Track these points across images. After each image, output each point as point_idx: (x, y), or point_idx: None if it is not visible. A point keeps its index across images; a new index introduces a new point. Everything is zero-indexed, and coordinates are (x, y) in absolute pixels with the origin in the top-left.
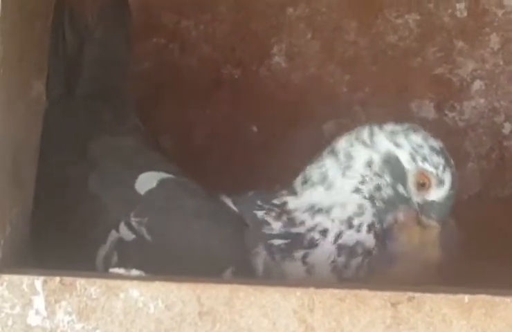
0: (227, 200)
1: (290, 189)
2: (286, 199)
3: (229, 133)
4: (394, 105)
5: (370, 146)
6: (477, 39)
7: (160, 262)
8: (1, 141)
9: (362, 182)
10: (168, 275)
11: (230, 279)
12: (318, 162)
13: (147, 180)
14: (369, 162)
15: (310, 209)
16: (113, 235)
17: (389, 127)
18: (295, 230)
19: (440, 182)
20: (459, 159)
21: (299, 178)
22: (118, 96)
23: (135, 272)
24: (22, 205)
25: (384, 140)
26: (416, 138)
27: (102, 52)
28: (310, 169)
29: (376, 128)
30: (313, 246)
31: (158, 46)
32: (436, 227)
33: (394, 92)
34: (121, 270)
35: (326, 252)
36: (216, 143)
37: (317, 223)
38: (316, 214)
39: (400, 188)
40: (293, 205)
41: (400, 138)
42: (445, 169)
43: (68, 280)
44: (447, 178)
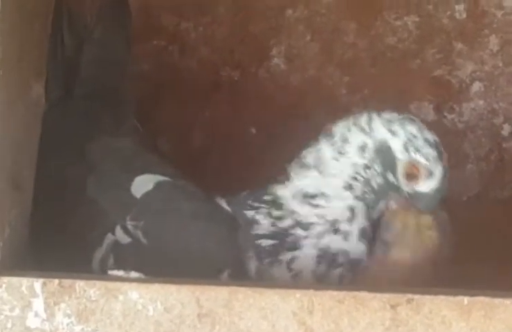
0: (221, 202)
1: (284, 176)
2: (277, 189)
3: (228, 134)
4: (393, 107)
5: (367, 131)
6: (476, 40)
7: (156, 265)
8: (0, 142)
9: (354, 178)
10: (167, 277)
11: (229, 281)
12: (314, 145)
13: (143, 183)
14: (362, 147)
15: (301, 194)
16: (109, 238)
17: (387, 115)
18: (281, 225)
19: (430, 174)
20: (458, 161)
21: (295, 162)
22: (117, 97)
23: (134, 274)
24: (21, 206)
25: (380, 127)
26: (412, 128)
27: (100, 52)
28: (306, 152)
29: (375, 115)
30: (297, 248)
31: (157, 48)
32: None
33: (393, 94)
34: (120, 272)
35: (308, 257)
36: (216, 144)
37: (304, 213)
38: (305, 201)
39: (390, 176)
40: (283, 193)
41: (396, 127)
42: (436, 162)
43: (67, 282)
44: (437, 170)
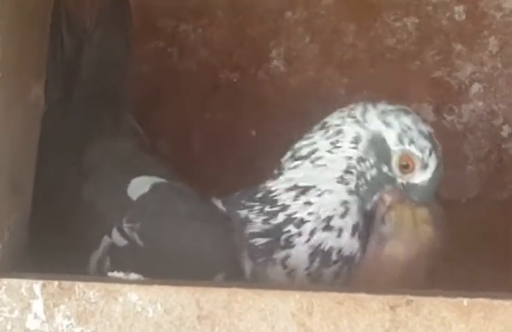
0: (217, 202)
1: (278, 169)
2: (270, 185)
3: (227, 136)
4: None
5: (361, 123)
6: (475, 42)
7: (153, 267)
8: (0, 144)
9: (347, 171)
10: (167, 279)
11: (229, 283)
12: (308, 136)
13: (139, 185)
14: (356, 139)
15: (292, 187)
16: (105, 240)
17: (382, 106)
18: (274, 222)
19: (424, 166)
20: (457, 162)
21: (288, 154)
22: (117, 99)
23: (133, 276)
24: (20, 208)
25: (375, 118)
26: (406, 120)
27: (100, 54)
28: (299, 144)
29: (370, 106)
30: (290, 246)
31: (156, 50)
32: (425, 206)
33: (393, 95)
34: (120, 274)
35: (301, 254)
36: (215, 147)
37: (296, 209)
38: (298, 195)
39: (384, 168)
40: (276, 187)
41: (390, 118)
42: (431, 154)
43: (66, 284)
44: (432, 162)
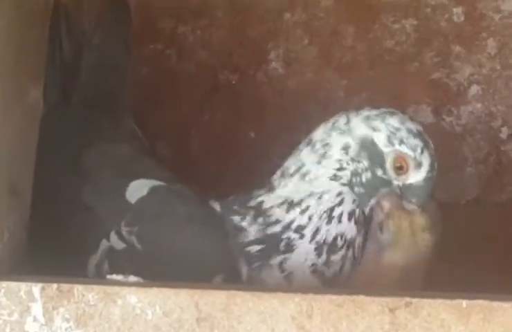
0: (215, 205)
1: (268, 186)
2: (262, 198)
3: (226, 138)
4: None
5: (347, 132)
6: (474, 43)
7: (151, 270)
8: None
9: (340, 169)
10: (166, 281)
11: (228, 285)
12: (295, 154)
13: (137, 189)
14: (345, 147)
15: (284, 202)
16: (104, 244)
17: (365, 112)
18: (270, 231)
19: (418, 165)
20: (456, 164)
21: (278, 172)
22: (115, 102)
23: (132, 278)
24: (19, 211)
25: (360, 124)
26: (393, 121)
27: (100, 57)
28: (288, 162)
29: (352, 114)
30: (290, 250)
31: (155, 52)
32: (418, 212)
33: (391, 97)
34: (119, 277)
35: (304, 254)
36: (214, 148)
37: (292, 219)
38: (291, 208)
39: (378, 171)
40: (269, 203)
41: (376, 122)
42: (423, 152)
43: (65, 287)
44: (425, 160)
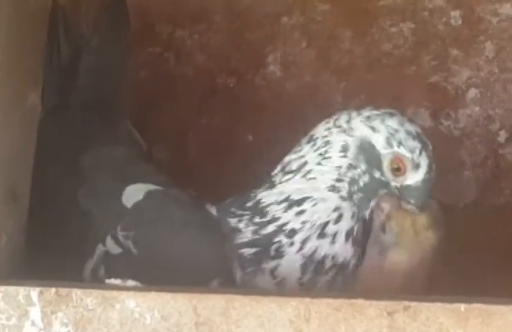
0: (212, 209)
1: (268, 183)
2: (261, 195)
3: (224, 141)
4: None
5: (347, 131)
6: (471, 47)
7: (148, 274)
8: None
9: (338, 180)
10: (164, 286)
11: (226, 290)
12: (297, 150)
13: (134, 193)
14: (344, 148)
15: (284, 200)
16: (100, 249)
17: (366, 112)
18: (264, 232)
19: (416, 166)
20: (454, 167)
21: (278, 168)
22: (113, 106)
23: (131, 282)
24: (17, 215)
25: (360, 124)
26: (392, 123)
27: (98, 60)
28: (289, 158)
29: (354, 113)
30: (280, 256)
31: (153, 55)
32: (417, 212)
33: (389, 100)
34: (117, 281)
35: (293, 265)
36: (212, 151)
37: (288, 219)
38: (289, 207)
39: (376, 173)
40: (268, 199)
41: (376, 122)
42: (421, 153)
43: (64, 291)
44: (423, 161)
